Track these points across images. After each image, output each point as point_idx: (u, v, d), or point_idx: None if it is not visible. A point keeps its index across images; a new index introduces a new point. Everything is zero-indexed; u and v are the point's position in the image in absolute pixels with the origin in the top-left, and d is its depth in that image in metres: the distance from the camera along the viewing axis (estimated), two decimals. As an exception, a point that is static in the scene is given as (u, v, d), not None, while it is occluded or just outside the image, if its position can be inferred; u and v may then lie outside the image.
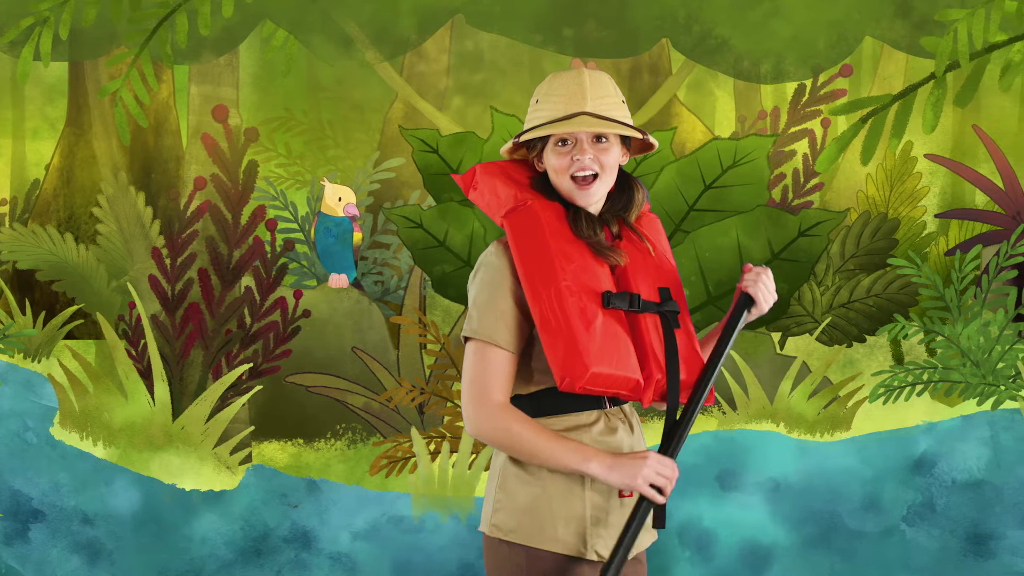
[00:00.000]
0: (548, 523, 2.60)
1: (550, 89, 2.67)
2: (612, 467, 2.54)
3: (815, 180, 5.16)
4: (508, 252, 2.60)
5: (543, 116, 2.65)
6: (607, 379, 2.52)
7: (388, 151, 5.17)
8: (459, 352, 5.10)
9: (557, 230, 2.60)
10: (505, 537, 2.63)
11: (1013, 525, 5.05)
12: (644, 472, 2.54)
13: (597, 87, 2.65)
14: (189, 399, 5.12)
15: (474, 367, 2.59)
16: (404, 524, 5.10)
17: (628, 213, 2.72)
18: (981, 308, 5.11)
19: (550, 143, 2.65)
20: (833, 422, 5.15)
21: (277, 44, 5.13)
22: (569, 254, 2.57)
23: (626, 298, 2.58)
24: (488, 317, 2.58)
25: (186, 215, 5.12)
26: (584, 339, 2.50)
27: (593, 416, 2.64)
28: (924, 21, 5.09)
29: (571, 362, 2.49)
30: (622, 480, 2.54)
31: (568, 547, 2.60)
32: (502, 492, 2.65)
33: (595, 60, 5.14)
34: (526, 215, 2.60)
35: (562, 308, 2.51)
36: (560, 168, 2.63)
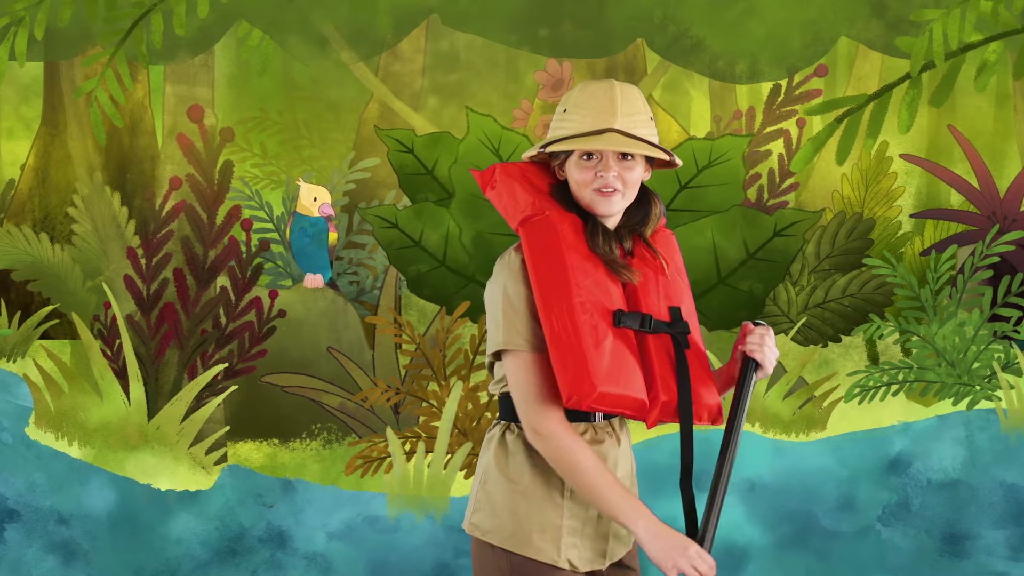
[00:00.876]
0: (524, 528, 2.60)
1: (580, 100, 2.63)
2: (656, 537, 2.52)
3: (790, 180, 5.16)
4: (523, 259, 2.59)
5: (571, 128, 2.61)
6: (613, 399, 2.51)
7: (363, 151, 5.17)
8: (434, 352, 5.10)
9: (573, 244, 2.57)
10: (483, 537, 2.64)
11: (988, 525, 5.05)
12: (681, 562, 2.52)
13: (628, 103, 2.62)
14: (164, 399, 5.12)
15: (525, 378, 2.56)
16: (379, 524, 5.10)
17: (644, 228, 2.69)
18: (956, 308, 5.11)
19: (575, 155, 2.61)
20: (808, 422, 5.15)
21: (252, 44, 5.13)
22: (584, 269, 2.55)
23: (638, 318, 2.56)
24: (522, 326, 2.55)
25: (161, 215, 5.12)
26: (593, 358, 2.48)
27: (580, 428, 2.63)
28: (899, 21, 5.10)
29: (579, 381, 2.47)
30: (657, 555, 2.52)
31: (542, 554, 2.60)
32: (483, 492, 2.65)
33: (570, 60, 5.15)
34: (543, 226, 2.58)
35: (574, 325, 2.49)
36: (583, 182, 2.61)
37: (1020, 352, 5.06)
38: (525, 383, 2.55)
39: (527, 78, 5.15)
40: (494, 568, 2.63)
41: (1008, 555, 5.03)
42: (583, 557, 2.65)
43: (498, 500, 2.62)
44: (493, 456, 2.66)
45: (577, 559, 2.64)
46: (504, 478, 2.63)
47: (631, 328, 2.55)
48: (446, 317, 5.10)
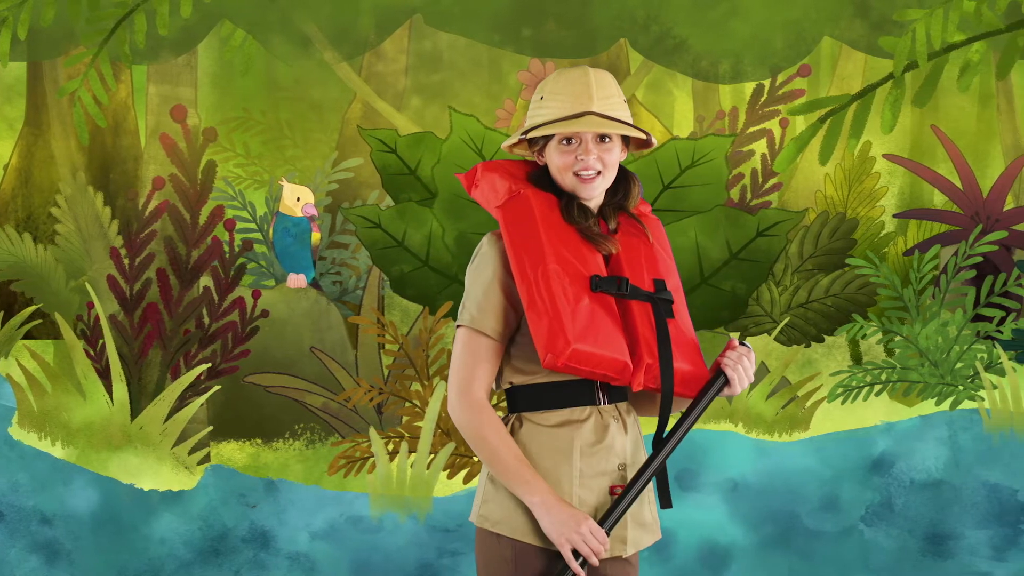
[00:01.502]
0: (534, 517, 2.61)
1: (556, 87, 2.67)
2: (549, 510, 2.53)
3: (773, 180, 5.17)
4: (500, 242, 2.61)
5: (548, 114, 2.64)
6: (590, 357, 2.51)
7: (346, 151, 5.17)
8: (417, 352, 5.10)
9: (548, 217, 2.60)
10: (492, 528, 2.64)
11: (971, 525, 5.05)
12: (573, 536, 2.53)
13: (602, 87, 2.65)
14: (147, 399, 5.12)
15: (462, 356, 2.60)
16: (362, 524, 5.10)
17: (627, 203, 2.73)
18: (939, 308, 5.11)
19: (554, 141, 2.64)
20: (791, 422, 5.15)
21: (235, 44, 5.13)
22: (561, 239, 2.57)
23: (614, 282, 2.58)
24: (477, 305, 2.59)
25: (144, 215, 5.12)
26: (568, 317, 2.50)
27: (586, 412, 2.64)
28: (882, 21, 5.10)
29: (553, 339, 2.48)
30: (550, 529, 2.53)
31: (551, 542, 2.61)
32: (491, 484, 2.65)
33: (554, 60, 5.15)
34: (518, 203, 2.61)
35: (548, 288, 2.51)
36: (564, 166, 2.63)
37: (1003, 352, 5.06)
38: (458, 358, 2.60)
39: (510, 78, 5.16)
40: (500, 559, 2.64)
41: (991, 555, 5.04)
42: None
43: (496, 487, 2.62)
44: None
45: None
46: None
47: (608, 293, 2.57)
48: (429, 317, 5.10)
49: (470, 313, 2.60)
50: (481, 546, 2.67)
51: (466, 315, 2.61)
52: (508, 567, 2.62)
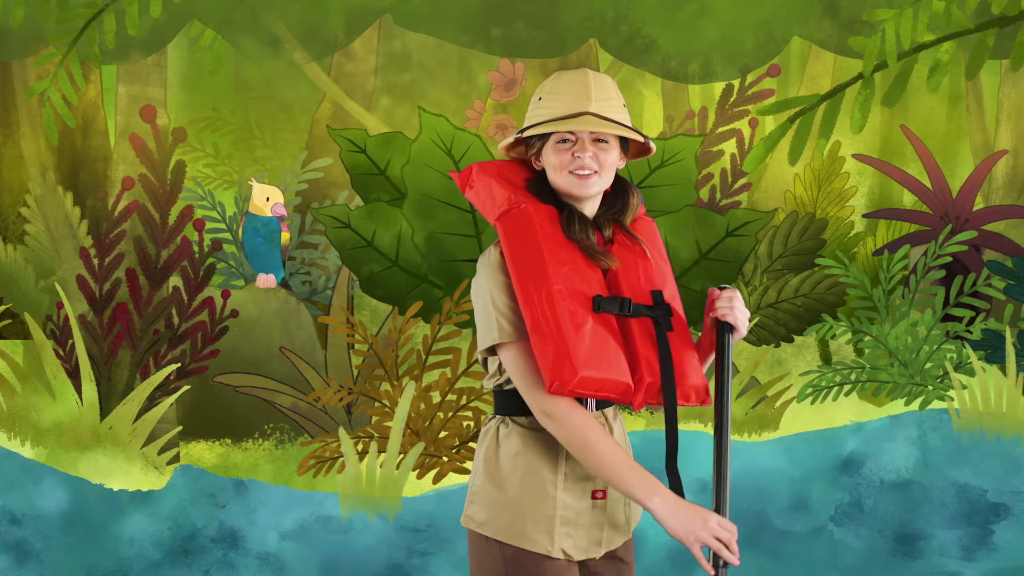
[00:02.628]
0: (518, 520, 2.62)
1: (554, 88, 2.68)
2: (674, 512, 2.52)
3: (743, 180, 5.16)
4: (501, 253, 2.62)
5: (546, 114, 2.66)
6: (596, 383, 2.53)
7: (316, 151, 5.17)
8: (386, 352, 5.10)
9: (549, 233, 2.61)
10: (478, 529, 2.65)
11: (940, 525, 5.05)
12: (702, 533, 2.51)
13: (601, 89, 2.67)
14: (117, 399, 5.12)
15: (525, 366, 2.57)
16: (332, 524, 5.10)
17: (623, 216, 2.72)
18: (909, 308, 5.11)
19: (551, 141, 2.66)
20: (761, 422, 5.15)
21: (205, 44, 5.12)
22: (561, 258, 2.58)
23: (616, 302, 2.58)
24: (510, 319, 2.58)
25: (114, 215, 5.11)
26: (574, 343, 2.50)
27: None
28: (852, 21, 5.10)
29: (560, 366, 2.49)
30: (677, 530, 2.52)
31: (536, 544, 2.61)
32: (478, 485, 2.68)
33: (523, 60, 5.14)
34: (519, 218, 2.61)
35: (553, 312, 2.51)
36: (560, 165, 2.65)
37: (972, 352, 5.06)
38: (525, 370, 2.57)
39: (480, 78, 5.15)
40: (490, 560, 2.65)
41: (960, 555, 5.03)
42: (578, 546, 2.66)
43: (492, 493, 2.64)
44: (487, 449, 2.68)
45: (572, 548, 2.65)
46: (498, 471, 2.65)
47: (611, 313, 2.57)
48: (399, 317, 5.10)
49: (506, 329, 2.57)
50: (473, 547, 2.68)
51: (505, 332, 2.57)
52: (499, 568, 2.63)
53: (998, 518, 5.04)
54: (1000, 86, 5.14)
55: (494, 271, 2.61)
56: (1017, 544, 5.02)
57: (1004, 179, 5.16)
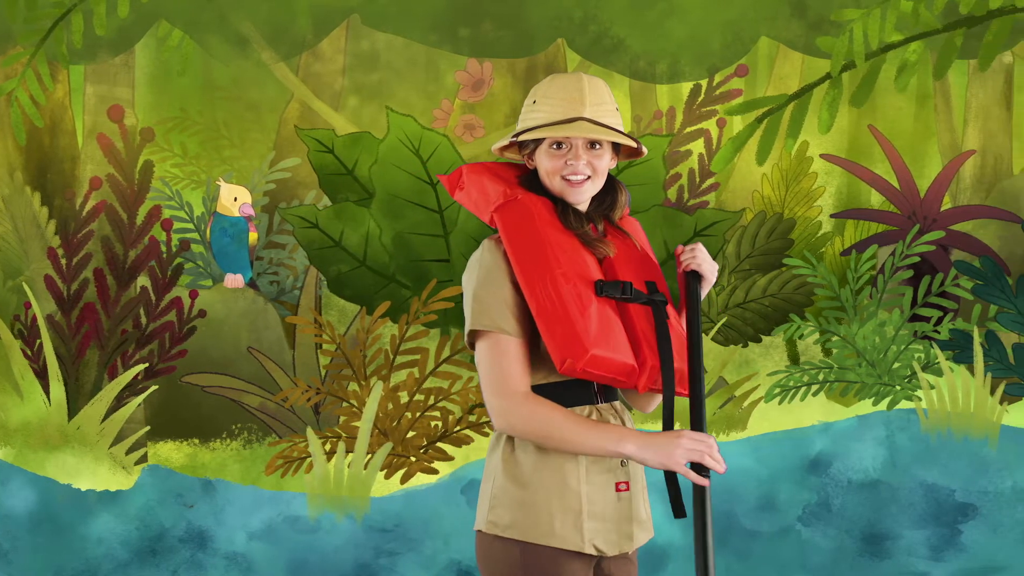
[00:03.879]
0: (545, 518, 2.60)
1: (548, 91, 2.69)
2: (647, 446, 2.54)
3: (711, 180, 5.16)
4: (501, 247, 2.63)
5: (541, 118, 2.67)
6: (605, 362, 2.54)
7: (284, 151, 5.17)
8: (354, 353, 5.10)
9: (548, 222, 2.63)
10: (503, 533, 2.62)
11: (908, 525, 5.05)
12: (679, 451, 2.54)
13: (595, 93, 2.68)
14: (85, 399, 5.12)
15: (490, 360, 2.59)
16: (300, 524, 5.10)
17: (612, 212, 2.75)
18: (877, 308, 5.11)
19: (544, 145, 2.68)
20: (729, 422, 5.15)
21: (173, 44, 5.13)
22: (561, 244, 2.60)
23: (618, 286, 2.60)
24: (493, 309, 2.58)
25: (82, 215, 5.12)
26: (581, 323, 2.52)
27: (586, 411, 2.65)
28: (820, 21, 5.10)
29: (570, 344, 2.51)
30: (657, 458, 2.53)
31: (566, 541, 2.60)
32: (498, 489, 2.65)
33: (491, 60, 5.14)
34: (517, 208, 2.63)
35: (558, 294, 2.53)
36: (553, 170, 2.67)
37: (940, 352, 5.07)
38: (489, 363, 2.58)
39: (447, 78, 5.15)
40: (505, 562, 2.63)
41: (928, 555, 5.04)
42: (609, 541, 2.65)
43: (516, 493, 2.62)
44: (504, 451, 2.67)
45: (603, 543, 2.64)
46: (519, 470, 2.63)
47: (612, 297, 2.59)
48: (366, 317, 5.10)
49: (489, 317, 2.58)
50: (485, 552, 2.66)
51: (485, 319, 2.58)
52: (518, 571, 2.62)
53: (966, 518, 5.04)
54: (968, 86, 5.14)
55: (487, 261, 2.62)
56: (985, 544, 5.02)
57: (972, 179, 5.16)
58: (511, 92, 5.17)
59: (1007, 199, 5.14)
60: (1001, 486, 5.05)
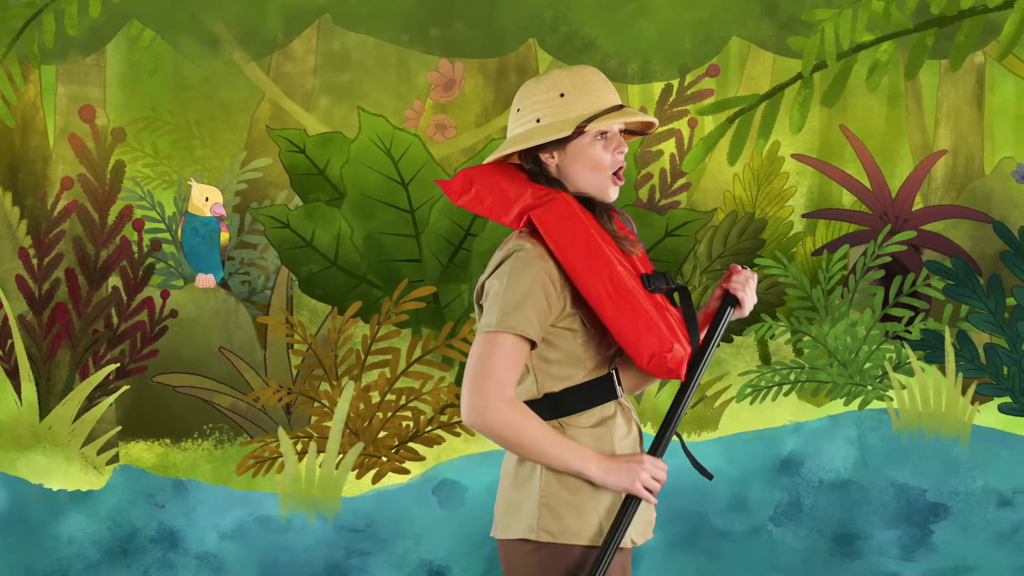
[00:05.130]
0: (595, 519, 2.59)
1: (577, 82, 2.62)
2: (609, 471, 2.55)
3: (682, 180, 5.16)
4: (539, 247, 2.57)
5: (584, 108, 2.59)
6: (680, 359, 2.56)
7: (255, 151, 5.17)
8: (325, 353, 5.10)
9: (592, 221, 2.60)
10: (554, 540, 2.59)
11: (880, 525, 5.05)
12: (641, 476, 2.57)
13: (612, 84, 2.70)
14: (56, 399, 5.12)
15: (490, 357, 2.54)
16: (271, 524, 5.10)
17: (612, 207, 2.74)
18: (848, 308, 5.11)
19: (587, 137, 2.59)
20: (700, 422, 5.15)
21: (144, 44, 5.13)
22: (607, 242, 2.59)
23: (662, 278, 2.61)
24: (521, 312, 2.53)
25: (53, 215, 5.12)
26: (656, 318, 2.53)
27: (612, 407, 2.65)
28: (791, 21, 5.10)
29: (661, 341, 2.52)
30: (618, 483, 2.55)
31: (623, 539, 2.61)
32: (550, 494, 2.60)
33: (462, 60, 5.14)
34: (563, 205, 2.57)
35: (623, 291, 2.52)
36: (601, 163, 2.61)
37: (911, 352, 5.07)
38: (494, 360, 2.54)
39: (419, 78, 5.15)
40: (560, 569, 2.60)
41: (899, 555, 5.04)
42: (638, 531, 2.68)
43: (569, 498, 2.60)
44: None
45: (638, 535, 2.68)
46: (561, 475, 2.60)
47: (659, 290, 2.59)
48: (338, 317, 5.10)
49: (515, 320, 2.53)
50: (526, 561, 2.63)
51: (510, 321, 2.53)
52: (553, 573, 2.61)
53: (937, 518, 5.04)
54: (939, 86, 5.14)
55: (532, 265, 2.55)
56: (956, 544, 5.02)
57: (943, 179, 5.16)
58: (482, 92, 5.17)
59: (978, 199, 5.14)
60: (972, 486, 5.05)
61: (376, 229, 5.09)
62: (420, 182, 5.07)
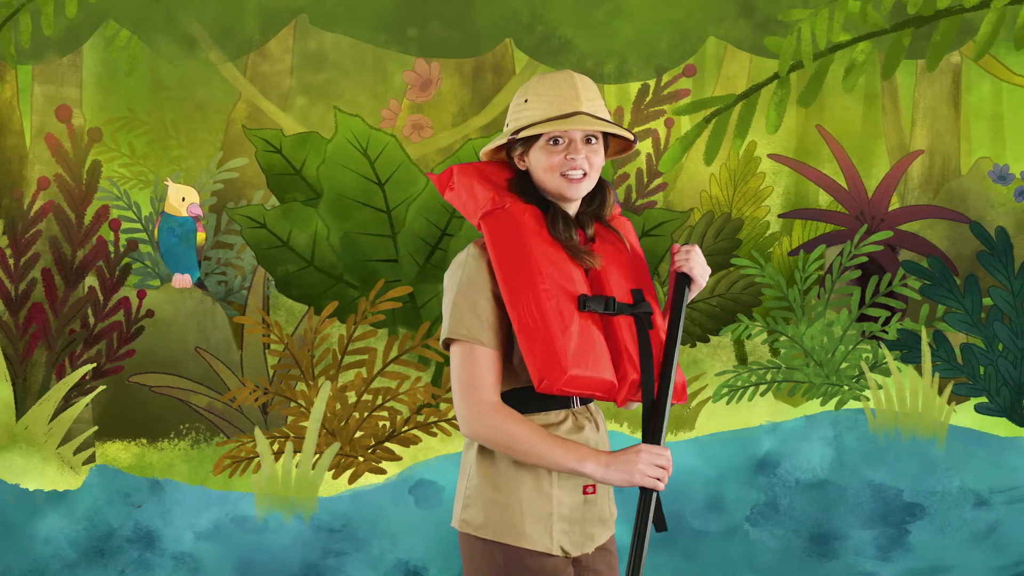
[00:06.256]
0: (517, 519, 2.61)
1: (541, 89, 2.66)
2: (608, 465, 2.55)
3: (659, 180, 5.16)
4: (486, 254, 2.61)
5: (537, 114, 2.63)
6: (584, 381, 2.54)
7: (231, 151, 5.17)
8: (302, 353, 5.10)
9: (535, 232, 2.61)
10: (475, 532, 2.64)
11: (856, 525, 5.05)
12: (640, 467, 2.55)
13: (588, 89, 2.67)
14: (32, 399, 5.12)
15: (463, 368, 2.59)
16: (247, 524, 5.10)
17: (603, 211, 2.73)
18: (824, 308, 5.11)
19: (540, 142, 2.64)
20: (677, 422, 5.15)
21: (120, 44, 5.13)
22: (547, 256, 2.58)
23: (602, 301, 2.58)
24: (470, 317, 2.58)
25: (30, 215, 5.12)
26: (561, 342, 2.52)
27: (561, 415, 2.66)
28: (767, 21, 5.10)
29: (550, 365, 2.51)
30: (619, 477, 2.55)
31: (536, 543, 2.61)
32: (472, 488, 2.66)
33: (439, 60, 5.14)
34: (504, 217, 2.61)
35: (540, 311, 2.52)
36: (551, 167, 2.63)
37: (888, 352, 5.07)
38: (467, 374, 2.58)
39: (395, 78, 5.15)
40: (490, 563, 2.63)
41: (876, 555, 5.04)
42: (574, 542, 2.66)
43: (488, 494, 2.63)
44: (478, 451, 2.67)
45: (569, 544, 2.65)
46: (495, 471, 2.64)
47: (596, 311, 2.58)
48: (314, 317, 5.10)
49: (466, 327, 2.57)
50: (468, 551, 2.67)
51: (462, 329, 2.58)
52: (500, 570, 2.62)
53: (913, 518, 5.04)
54: (915, 86, 5.14)
55: (470, 267, 2.61)
56: (932, 544, 5.02)
57: (920, 179, 5.16)
58: (459, 92, 5.17)
59: (955, 199, 5.14)
60: (948, 486, 5.05)
61: (352, 229, 5.09)
62: (396, 182, 5.07)
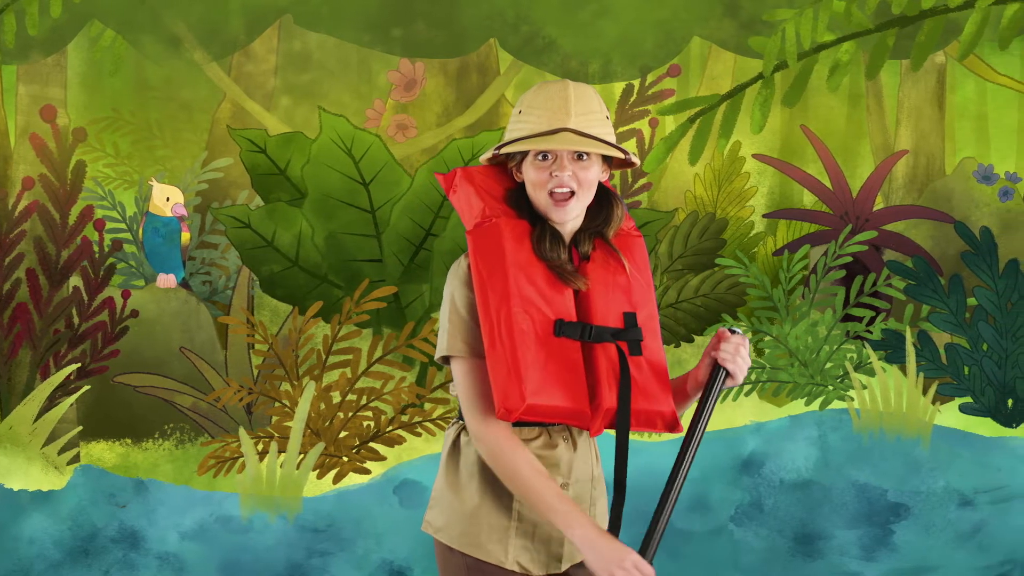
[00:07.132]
0: (473, 528, 2.57)
1: (535, 101, 2.60)
2: (593, 546, 2.47)
3: (643, 180, 5.17)
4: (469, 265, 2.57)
5: (526, 128, 2.58)
6: (545, 410, 2.48)
7: (216, 151, 5.17)
8: (286, 352, 5.10)
9: (518, 251, 2.54)
10: (435, 535, 2.61)
11: (841, 525, 5.05)
12: (617, 573, 2.46)
13: (582, 102, 2.58)
14: (17, 399, 5.12)
15: (464, 383, 2.55)
16: (232, 524, 5.10)
17: (606, 229, 2.63)
18: (809, 308, 5.11)
19: (530, 156, 2.58)
20: (661, 422, 5.14)
21: (105, 44, 5.13)
22: (528, 276, 2.52)
23: (578, 328, 2.51)
24: (464, 331, 2.54)
25: (14, 215, 5.12)
26: (526, 368, 2.45)
27: (535, 432, 2.60)
28: (752, 21, 5.10)
29: (508, 393, 2.45)
30: (594, 564, 2.47)
31: (491, 555, 2.57)
32: (438, 490, 2.63)
33: (423, 60, 5.14)
34: (488, 234, 2.55)
35: (509, 335, 2.46)
36: (538, 183, 2.57)
37: (872, 352, 5.07)
38: (467, 389, 2.54)
39: (380, 78, 5.16)
40: (454, 568, 2.62)
41: (860, 555, 5.04)
42: (536, 560, 2.61)
43: (450, 499, 2.59)
44: (447, 455, 2.64)
45: (529, 562, 2.60)
46: (457, 478, 2.60)
47: (571, 338, 2.51)
48: (299, 317, 5.10)
49: (463, 342, 2.54)
50: (438, 554, 2.63)
51: (459, 345, 2.54)
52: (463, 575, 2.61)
53: (898, 518, 5.05)
54: (900, 86, 5.15)
55: (461, 283, 2.56)
56: (916, 544, 5.02)
57: (904, 179, 5.17)
58: (443, 92, 5.17)
59: (939, 199, 5.15)
60: (933, 486, 5.05)
61: (337, 229, 5.09)
62: (381, 182, 5.07)
